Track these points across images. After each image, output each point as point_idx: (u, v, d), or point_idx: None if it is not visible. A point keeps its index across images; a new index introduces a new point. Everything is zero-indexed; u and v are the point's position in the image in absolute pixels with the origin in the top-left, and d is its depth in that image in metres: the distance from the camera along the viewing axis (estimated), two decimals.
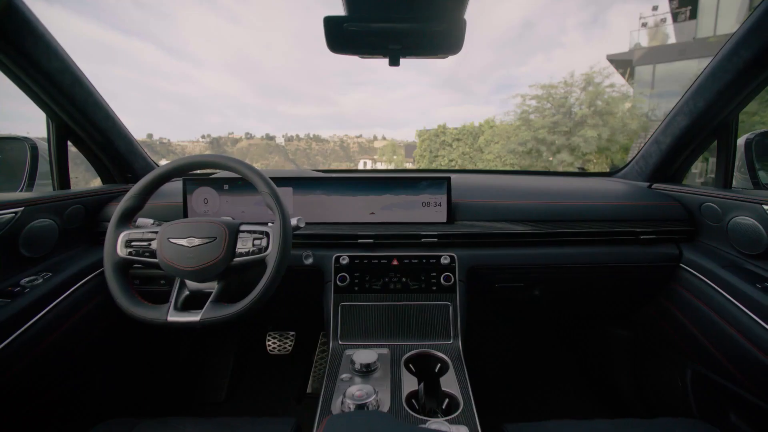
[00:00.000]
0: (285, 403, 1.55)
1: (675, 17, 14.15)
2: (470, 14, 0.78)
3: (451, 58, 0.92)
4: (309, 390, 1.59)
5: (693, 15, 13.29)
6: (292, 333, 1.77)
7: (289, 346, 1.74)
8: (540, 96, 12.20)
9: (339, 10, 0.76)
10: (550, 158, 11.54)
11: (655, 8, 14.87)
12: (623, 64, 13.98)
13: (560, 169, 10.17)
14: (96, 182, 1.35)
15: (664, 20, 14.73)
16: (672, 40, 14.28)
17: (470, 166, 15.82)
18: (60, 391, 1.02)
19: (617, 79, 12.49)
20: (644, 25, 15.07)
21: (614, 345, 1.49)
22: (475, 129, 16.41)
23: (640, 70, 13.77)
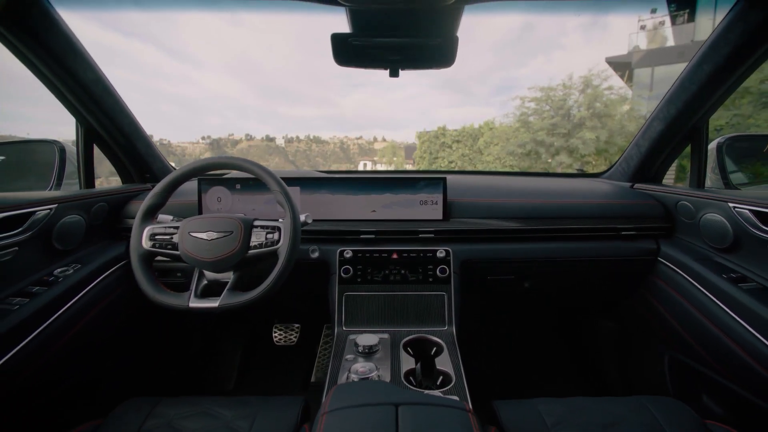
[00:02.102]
0: (290, 392, 1.62)
1: (673, 20, 14.20)
2: (471, 16, 0.85)
3: None
4: (313, 379, 1.66)
5: (691, 18, 13.33)
6: (297, 325, 1.84)
7: (294, 337, 1.82)
8: (539, 98, 12.22)
9: (340, 13, 0.85)
10: (549, 160, 11.56)
11: (653, 11, 14.93)
12: (622, 66, 14.00)
13: (559, 170, 10.22)
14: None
15: (662, 23, 14.78)
16: (671, 42, 14.34)
17: (470, 168, 15.85)
18: (84, 374, 1.10)
19: (616, 81, 12.51)
20: (643, 27, 15.11)
21: (601, 335, 1.57)
22: (475, 131, 16.41)
23: (639, 73, 13.79)
